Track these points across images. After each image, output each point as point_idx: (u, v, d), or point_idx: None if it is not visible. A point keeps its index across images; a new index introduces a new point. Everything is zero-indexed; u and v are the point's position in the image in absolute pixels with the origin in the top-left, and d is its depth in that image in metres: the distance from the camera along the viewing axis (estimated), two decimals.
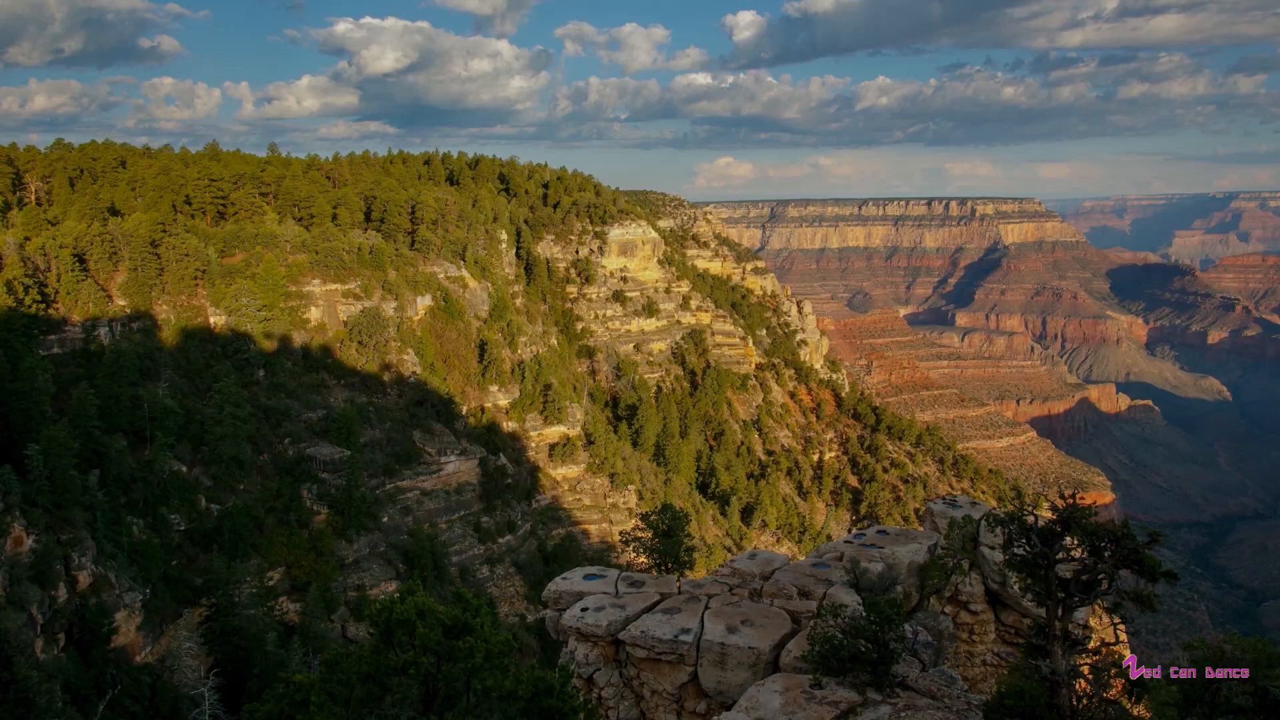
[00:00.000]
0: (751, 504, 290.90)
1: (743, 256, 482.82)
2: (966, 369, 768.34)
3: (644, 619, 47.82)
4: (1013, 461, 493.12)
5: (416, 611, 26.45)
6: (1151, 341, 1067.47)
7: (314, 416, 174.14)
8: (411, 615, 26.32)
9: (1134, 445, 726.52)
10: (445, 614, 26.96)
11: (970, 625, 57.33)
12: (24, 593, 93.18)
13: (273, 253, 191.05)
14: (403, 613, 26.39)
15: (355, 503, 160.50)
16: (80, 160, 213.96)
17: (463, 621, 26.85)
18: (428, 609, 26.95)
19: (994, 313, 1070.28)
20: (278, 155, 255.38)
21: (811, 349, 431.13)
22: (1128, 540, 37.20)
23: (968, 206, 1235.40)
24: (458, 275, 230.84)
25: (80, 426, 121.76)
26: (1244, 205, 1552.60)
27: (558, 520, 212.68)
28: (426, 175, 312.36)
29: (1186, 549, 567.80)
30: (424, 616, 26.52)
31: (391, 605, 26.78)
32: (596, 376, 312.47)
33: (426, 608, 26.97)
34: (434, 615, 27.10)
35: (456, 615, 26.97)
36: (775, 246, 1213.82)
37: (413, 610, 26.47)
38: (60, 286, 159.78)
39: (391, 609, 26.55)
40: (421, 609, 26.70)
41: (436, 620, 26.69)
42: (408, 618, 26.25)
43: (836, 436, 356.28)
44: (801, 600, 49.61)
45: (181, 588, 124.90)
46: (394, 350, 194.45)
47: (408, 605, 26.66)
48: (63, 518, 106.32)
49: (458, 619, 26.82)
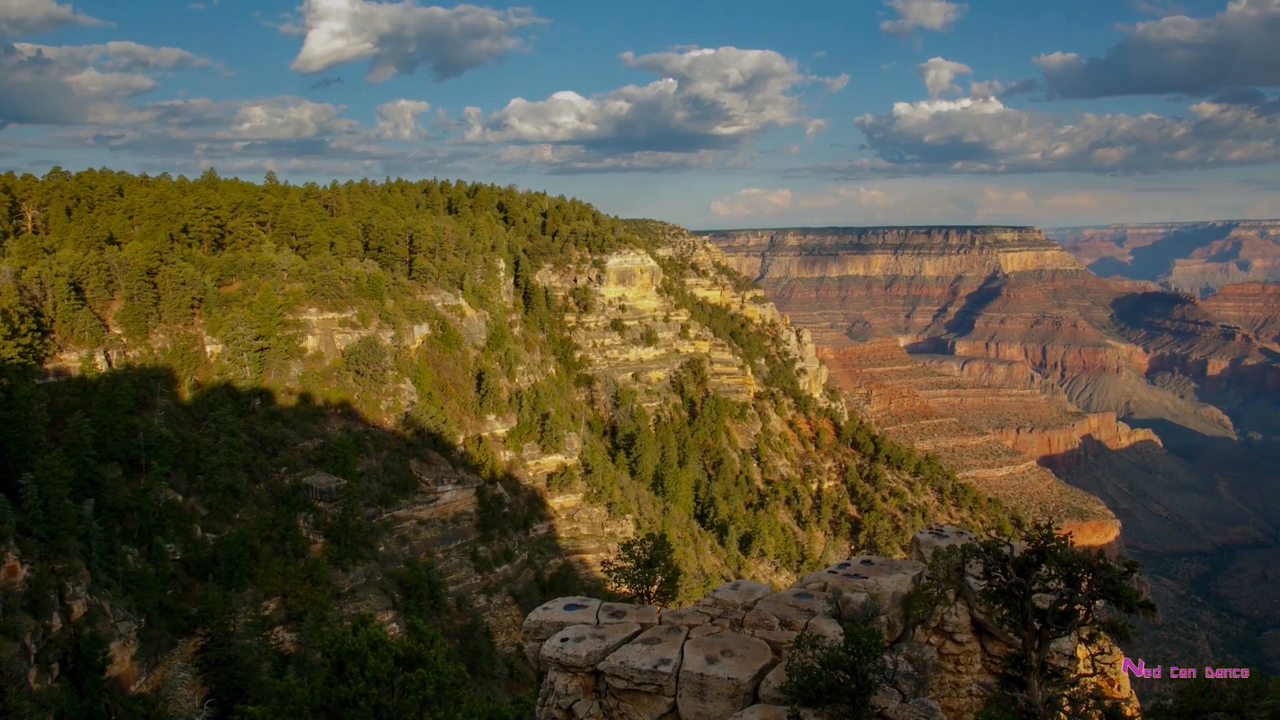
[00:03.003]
0: (750, 533, 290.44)
1: (741, 285, 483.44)
2: (966, 398, 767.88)
3: (624, 649, 47.66)
4: (1012, 490, 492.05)
5: (368, 643, 26.43)
6: (1152, 370, 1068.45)
7: (310, 445, 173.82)
8: (363, 646, 26.32)
9: (1134, 474, 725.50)
10: (398, 645, 26.99)
11: (956, 655, 57.11)
12: (18, 622, 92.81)
13: (270, 281, 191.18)
14: (354, 644, 26.39)
15: (352, 532, 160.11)
16: (77, 188, 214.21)
17: (416, 653, 26.87)
18: (380, 640, 26.95)
19: (994, 341, 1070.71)
20: (275, 184, 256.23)
21: (810, 378, 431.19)
22: (1104, 570, 37.29)
23: (967, 235, 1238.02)
24: (455, 304, 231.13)
25: (75, 455, 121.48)
26: (1244, 234, 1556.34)
27: (555, 550, 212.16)
28: (425, 204, 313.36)
29: (1187, 578, 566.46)
30: (376, 648, 26.51)
31: (343, 636, 26.76)
32: (595, 405, 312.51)
33: (378, 639, 26.96)
34: (386, 647, 27.09)
35: (409, 646, 26.98)
36: (774, 275, 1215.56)
37: (364, 641, 26.46)
38: (56, 315, 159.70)
39: (343, 640, 26.54)
40: (373, 640, 26.69)
41: (388, 651, 26.69)
42: (359, 649, 26.25)
43: (835, 465, 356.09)
44: (783, 630, 49.51)
45: (176, 617, 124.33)
46: (391, 379, 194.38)
47: (360, 636, 26.66)
48: (57, 547, 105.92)
49: (411, 650, 26.84)
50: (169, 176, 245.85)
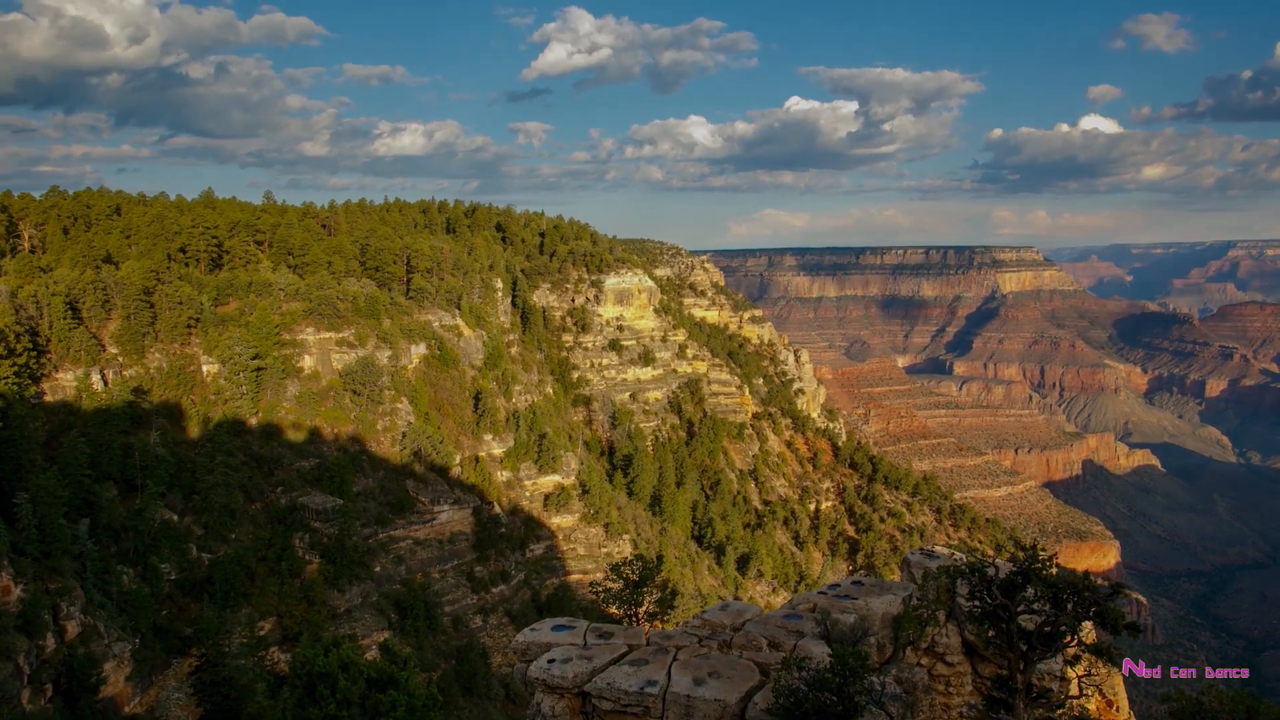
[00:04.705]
0: (747, 554, 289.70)
1: (740, 305, 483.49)
2: (964, 418, 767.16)
3: (611, 671, 47.60)
4: (1011, 511, 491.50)
5: (339, 664, 26.34)
6: (1150, 390, 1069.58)
7: (307, 465, 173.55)
8: (334, 668, 26.22)
9: (1133, 494, 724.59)
10: (369, 667, 26.87)
11: (947, 677, 57.01)
12: (11, 642, 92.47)
13: (267, 301, 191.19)
14: (325, 665, 26.27)
15: (348, 552, 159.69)
16: (75, 208, 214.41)
17: (388, 674, 26.78)
18: (351, 662, 26.81)
19: (992, 361, 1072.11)
20: (273, 203, 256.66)
21: (808, 398, 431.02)
22: (1089, 592, 37.26)
23: (965, 255, 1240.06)
24: (452, 324, 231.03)
25: (70, 475, 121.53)
26: (1241, 254, 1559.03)
27: (552, 570, 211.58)
28: (423, 224, 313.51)
29: (1186, 598, 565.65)
30: (347, 669, 26.39)
31: (314, 658, 26.66)
32: (592, 425, 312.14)
33: (350, 660, 26.84)
34: (357, 668, 26.93)
35: (381, 668, 26.88)
36: (773, 295, 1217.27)
37: (335, 663, 26.37)
38: (53, 334, 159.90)
39: (313, 661, 26.43)
40: (345, 661, 26.58)
41: (360, 673, 26.56)
42: (330, 670, 26.15)
43: (833, 486, 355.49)
44: (771, 652, 49.49)
45: (171, 637, 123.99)
46: (388, 399, 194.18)
47: (330, 658, 26.55)
48: (51, 566, 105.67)
49: (382, 671, 26.74)
50: (167, 196, 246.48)
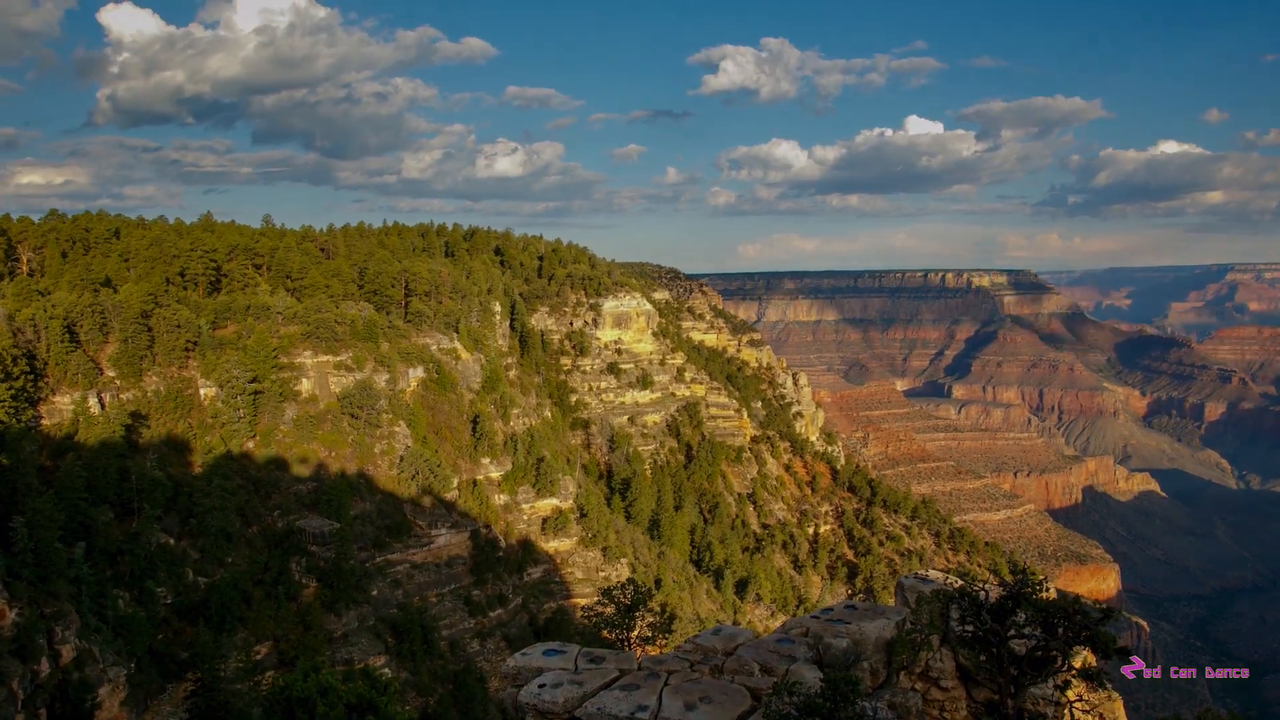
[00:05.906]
0: (746, 578, 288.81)
1: (738, 328, 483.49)
2: (963, 441, 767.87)
3: (601, 696, 47.45)
4: (1010, 534, 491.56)
5: (318, 689, 26.25)
6: (1149, 413, 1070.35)
7: (304, 488, 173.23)
8: (312, 693, 26.13)
9: (1132, 518, 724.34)
10: (348, 692, 26.72)
11: (941, 702, 56.89)
12: (5, 666, 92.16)
13: (264, 324, 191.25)
14: (303, 690, 26.18)
15: (345, 576, 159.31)
16: (73, 231, 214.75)
17: (368, 699, 26.64)
18: (330, 687, 26.70)
19: (990, 384, 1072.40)
20: (271, 226, 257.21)
21: (807, 421, 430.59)
22: (1081, 616, 37.22)
23: (964, 278, 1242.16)
24: (450, 347, 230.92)
25: (66, 498, 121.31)
26: (1240, 277, 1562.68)
27: (549, 594, 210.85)
28: (422, 247, 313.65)
29: (1186, 622, 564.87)
30: (325, 694, 26.28)
31: (292, 683, 26.56)
32: (590, 449, 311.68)
33: (328, 686, 26.72)
34: (336, 694, 26.79)
35: (361, 693, 26.75)
36: (771, 319, 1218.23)
37: (313, 688, 26.27)
38: (50, 358, 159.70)
39: (291, 687, 26.34)
40: (323, 687, 26.48)
41: (339, 699, 26.42)
42: (308, 696, 26.05)
43: (832, 509, 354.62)
44: (763, 677, 49.37)
45: (167, 662, 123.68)
46: (386, 423, 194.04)
47: (309, 683, 26.45)
48: (47, 590, 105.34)
49: (362, 696, 26.60)
50: (165, 219, 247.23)
